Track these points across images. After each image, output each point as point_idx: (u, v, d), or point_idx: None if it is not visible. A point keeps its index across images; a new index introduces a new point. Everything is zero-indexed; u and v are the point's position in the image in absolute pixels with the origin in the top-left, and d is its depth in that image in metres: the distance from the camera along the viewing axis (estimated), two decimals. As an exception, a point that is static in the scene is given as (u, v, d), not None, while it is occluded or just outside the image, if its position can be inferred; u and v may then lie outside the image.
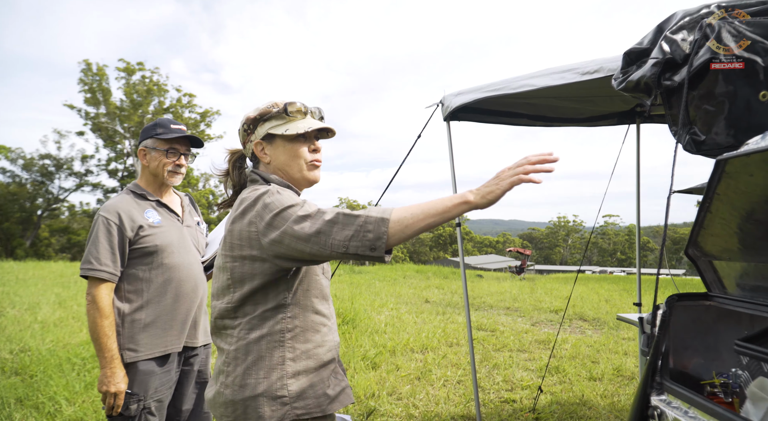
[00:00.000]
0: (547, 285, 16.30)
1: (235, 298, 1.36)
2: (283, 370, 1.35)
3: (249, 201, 1.34)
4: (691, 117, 1.67)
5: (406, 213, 1.22)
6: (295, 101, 1.50)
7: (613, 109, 3.74)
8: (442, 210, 1.23)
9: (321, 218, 1.23)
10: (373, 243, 1.19)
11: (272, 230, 1.26)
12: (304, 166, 1.50)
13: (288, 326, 1.37)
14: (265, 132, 1.49)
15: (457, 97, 3.17)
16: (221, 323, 1.42)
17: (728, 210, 1.45)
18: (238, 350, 1.36)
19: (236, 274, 1.35)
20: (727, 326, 1.77)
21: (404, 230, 1.20)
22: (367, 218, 1.21)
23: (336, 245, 1.20)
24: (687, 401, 1.22)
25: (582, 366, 5.85)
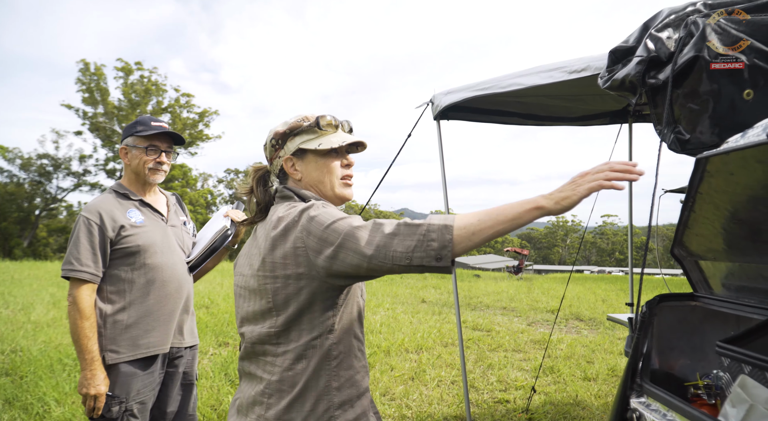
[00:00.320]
0: (544, 285, 16.29)
1: (279, 322, 1.26)
2: (329, 401, 1.26)
3: (291, 217, 1.25)
4: (675, 116, 1.65)
5: (473, 219, 1.14)
6: (326, 114, 1.43)
7: (605, 108, 3.72)
8: (512, 216, 1.14)
9: (379, 230, 1.15)
10: (439, 252, 1.11)
11: (325, 245, 1.17)
12: (337, 182, 1.42)
13: (333, 352, 1.28)
14: (295, 147, 1.41)
15: (446, 96, 3.15)
16: (261, 349, 1.30)
17: (711, 210, 1.43)
18: (283, 381, 1.26)
19: (279, 296, 1.25)
20: (713, 327, 1.75)
21: (471, 237, 1.12)
22: (429, 225, 1.13)
23: (398, 257, 1.12)
24: (666, 404, 1.20)
25: (577, 366, 5.84)
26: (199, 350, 5.93)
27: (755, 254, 1.45)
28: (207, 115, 38.18)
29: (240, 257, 1.49)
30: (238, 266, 1.46)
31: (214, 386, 4.62)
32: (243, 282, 1.37)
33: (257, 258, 1.31)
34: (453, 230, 1.11)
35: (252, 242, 1.42)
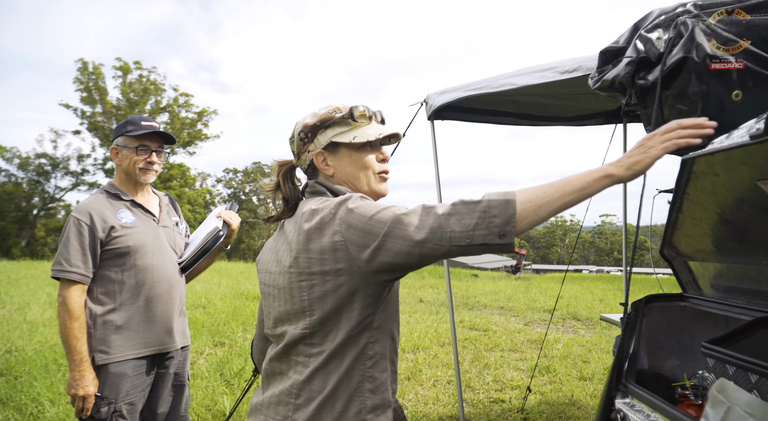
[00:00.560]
0: (542, 284, 16.30)
1: (315, 321, 1.18)
2: (362, 403, 1.18)
3: (327, 210, 1.17)
4: (665, 116, 1.65)
5: (537, 192, 1.06)
6: (359, 105, 1.34)
7: (599, 107, 3.72)
8: (581, 186, 1.06)
9: (431, 212, 1.07)
10: (502, 229, 1.02)
11: (369, 238, 1.10)
12: (373, 178, 1.33)
13: (369, 352, 1.20)
14: (327, 141, 1.31)
15: (440, 96, 3.15)
16: (294, 350, 1.23)
17: (699, 210, 1.43)
18: (314, 380, 1.18)
19: (315, 294, 1.17)
20: (703, 328, 1.75)
21: (537, 211, 1.04)
22: (489, 201, 1.05)
23: (457, 237, 1.03)
24: (649, 404, 1.20)
25: (573, 366, 5.85)
26: (195, 350, 5.94)
27: (742, 254, 1.45)
28: (206, 115, 38.15)
29: (264, 253, 1.42)
30: (263, 263, 1.39)
31: (210, 387, 4.62)
32: (271, 280, 1.29)
33: (288, 254, 1.23)
34: (515, 204, 1.04)
35: (279, 238, 1.34)
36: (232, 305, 8.97)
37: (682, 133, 1.11)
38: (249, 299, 9.95)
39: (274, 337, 1.31)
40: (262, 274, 1.37)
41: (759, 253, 1.37)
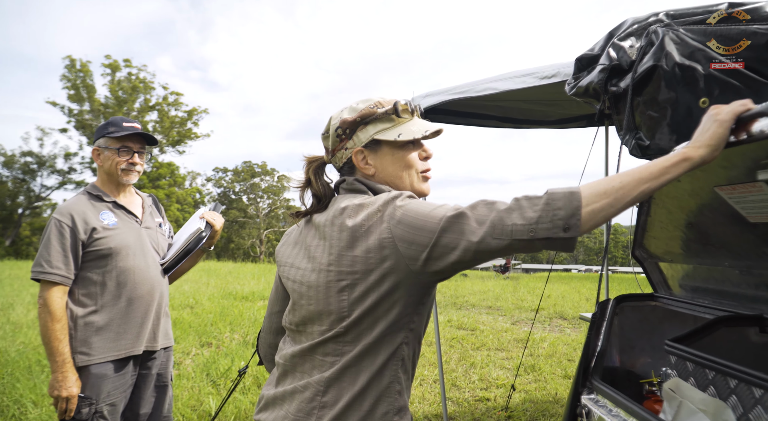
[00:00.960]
0: (530, 284, 16.42)
1: (352, 320, 1.12)
2: (390, 404, 1.13)
3: (374, 207, 1.11)
4: (636, 122, 1.70)
5: (606, 182, 0.99)
6: (400, 99, 1.26)
7: (581, 112, 3.78)
8: (658, 172, 0.99)
9: (492, 207, 1.01)
10: (567, 222, 0.95)
11: (421, 235, 1.04)
12: (416, 177, 1.26)
13: (402, 353, 1.16)
14: (369, 138, 1.23)
15: (425, 98, 3.19)
16: (322, 348, 1.17)
17: (665, 214, 1.48)
18: (344, 377, 1.13)
19: (357, 292, 1.11)
20: (672, 326, 1.81)
21: (608, 201, 0.97)
22: (552, 194, 0.99)
23: (518, 230, 0.97)
24: (612, 400, 1.25)
25: (558, 365, 5.92)
26: (182, 351, 5.93)
27: (706, 256, 1.50)
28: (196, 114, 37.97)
29: (286, 245, 1.36)
30: (286, 257, 1.33)
31: (195, 387, 4.63)
32: (300, 276, 1.23)
33: (325, 251, 1.16)
34: (581, 196, 0.97)
35: (308, 232, 1.27)
36: (220, 305, 8.96)
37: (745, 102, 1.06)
38: (237, 299, 9.94)
39: (296, 333, 1.26)
40: (287, 268, 1.30)
41: (721, 255, 1.43)
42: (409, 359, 1.18)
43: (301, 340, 1.23)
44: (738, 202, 1.22)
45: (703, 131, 1.06)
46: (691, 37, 1.73)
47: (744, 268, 1.37)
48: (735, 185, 1.18)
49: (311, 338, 1.19)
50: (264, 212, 55.06)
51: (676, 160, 1.01)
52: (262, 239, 52.74)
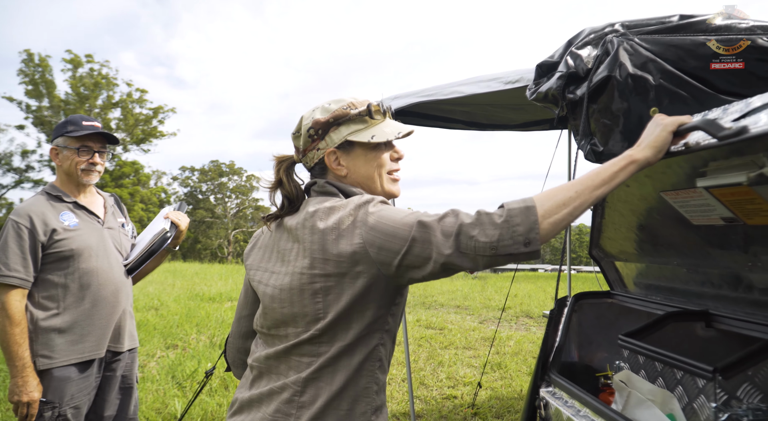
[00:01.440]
0: (498, 283, 16.68)
1: (327, 322, 1.13)
2: (368, 403, 1.15)
3: (346, 211, 1.12)
4: (591, 129, 1.77)
5: (559, 192, 1.02)
6: (369, 101, 1.27)
7: (545, 115, 3.89)
8: (609, 177, 1.04)
9: (457, 220, 1.03)
10: (526, 237, 0.98)
11: (393, 242, 1.05)
12: (386, 178, 1.27)
13: (379, 354, 1.18)
14: (342, 139, 1.23)
15: (394, 100, 3.24)
16: (298, 350, 1.17)
17: (617, 216, 1.56)
18: (321, 377, 1.14)
19: (331, 295, 1.12)
20: (627, 322, 1.90)
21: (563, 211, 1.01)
22: (510, 210, 1.01)
23: (481, 248, 0.99)
24: (568, 392, 1.31)
25: (523, 362, 6.05)
26: (146, 353, 5.83)
27: (656, 255, 1.59)
28: (162, 112, 37.15)
29: (256, 249, 1.36)
30: (257, 260, 1.33)
31: (161, 390, 4.56)
32: (273, 280, 1.23)
33: (299, 254, 1.16)
34: (536, 210, 1.00)
35: (279, 235, 1.27)
36: (186, 306, 8.82)
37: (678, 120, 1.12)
38: (204, 300, 9.80)
39: (269, 337, 1.26)
40: (258, 272, 1.30)
41: (669, 254, 1.51)
42: (386, 358, 1.20)
43: (275, 343, 1.23)
44: (682, 206, 1.30)
45: (647, 135, 1.12)
46: (645, 46, 1.81)
47: (691, 266, 1.45)
48: (678, 191, 1.26)
49: (286, 341, 1.19)
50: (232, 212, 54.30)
51: (624, 163, 1.06)
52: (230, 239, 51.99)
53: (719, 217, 1.20)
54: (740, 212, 1.12)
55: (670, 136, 1.10)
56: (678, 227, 1.39)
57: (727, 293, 1.34)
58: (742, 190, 1.05)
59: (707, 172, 1.11)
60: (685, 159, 1.13)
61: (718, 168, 1.08)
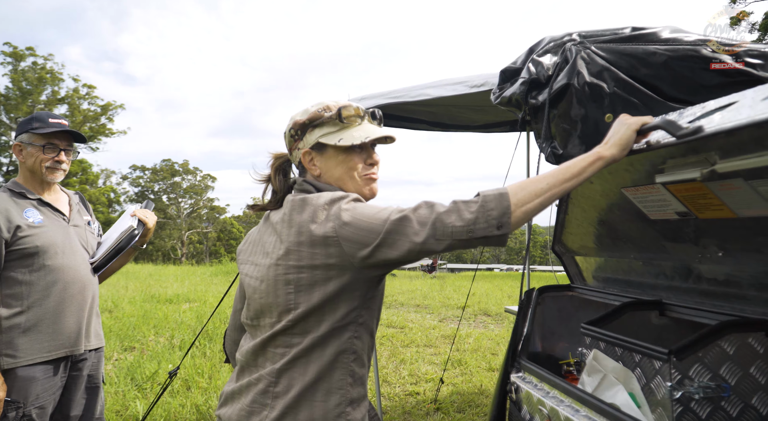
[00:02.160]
0: (456, 283, 16.97)
1: (299, 313, 1.17)
2: (342, 396, 1.18)
3: (319, 205, 1.17)
4: (552, 133, 1.88)
5: (532, 183, 1.11)
6: (350, 104, 1.31)
7: (505, 118, 4.03)
8: (578, 172, 1.14)
9: (433, 209, 1.10)
10: (499, 220, 1.06)
11: (368, 236, 1.10)
12: (359, 180, 1.30)
13: (353, 347, 1.21)
14: (315, 140, 1.29)
15: (360, 101, 3.29)
16: (273, 341, 1.22)
17: (580, 212, 1.67)
18: (294, 368, 1.18)
19: (303, 286, 1.16)
20: (586, 313, 2.02)
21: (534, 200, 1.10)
22: (485, 196, 1.09)
23: (458, 231, 1.06)
24: (538, 376, 1.40)
25: (483, 358, 6.21)
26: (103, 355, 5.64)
27: (615, 249, 1.71)
28: (111, 109, 35.84)
29: (246, 244, 1.41)
30: (246, 254, 1.38)
31: (120, 392, 4.46)
32: (257, 272, 1.28)
33: (277, 246, 1.21)
34: (509, 197, 1.08)
35: (265, 229, 1.33)
36: (142, 308, 8.59)
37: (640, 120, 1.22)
38: (161, 302, 9.56)
39: (252, 328, 1.31)
40: (246, 265, 1.35)
41: (627, 248, 1.64)
42: (363, 351, 1.24)
43: (256, 335, 1.28)
44: (641, 201, 1.42)
45: (613, 133, 1.22)
46: (601, 55, 1.93)
47: (646, 259, 1.58)
48: (638, 187, 1.37)
49: (264, 332, 1.24)
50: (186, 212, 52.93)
51: (592, 159, 1.16)
52: (184, 240, 50.67)
53: (674, 211, 1.32)
54: (693, 206, 1.24)
55: (634, 134, 1.20)
56: (636, 221, 1.51)
57: (679, 284, 1.47)
58: (696, 186, 1.17)
59: (665, 169, 1.23)
60: (645, 157, 1.24)
61: (674, 165, 1.19)
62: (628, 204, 1.47)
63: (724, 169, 1.03)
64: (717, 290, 1.32)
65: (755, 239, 1.16)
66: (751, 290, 1.21)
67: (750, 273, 1.21)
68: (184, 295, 10.39)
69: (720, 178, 1.09)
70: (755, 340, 1.17)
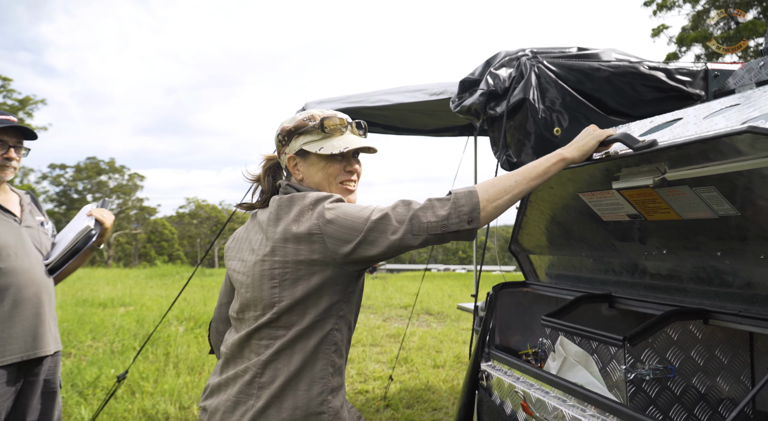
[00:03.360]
0: (397, 283, 17.20)
1: (282, 307, 1.24)
2: (324, 385, 1.26)
3: (305, 204, 1.24)
4: (507, 142, 2.04)
5: (499, 181, 1.22)
6: (334, 115, 1.38)
7: (456, 122, 4.22)
8: (542, 172, 1.25)
9: (409, 208, 1.19)
10: (470, 215, 1.17)
11: (351, 233, 1.18)
12: (337, 187, 1.39)
13: (334, 338, 1.28)
14: (298, 147, 1.37)
15: (318, 105, 3.35)
16: (257, 334, 1.28)
17: (538, 214, 1.82)
18: (278, 359, 1.24)
19: (287, 281, 1.23)
20: (540, 307, 2.19)
21: (502, 196, 1.20)
22: (456, 193, 1.20)
23: (433, 226, 1.16)
24: (507, 364, 1.54)
25: (427, 356, 6.40)
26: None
27: (568, 248, 1.88)
28: (29, 103, 33.55)
29: (234, 241, 1.47)
30: (234, 251, 1.43)
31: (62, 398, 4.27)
32: (243, 268, 1.34)
33: (263, 244, 1.28)
34: (477, 194, 1.19)
35: (251, 227, 1.40)
36: (75, 313, 8.18)
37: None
38: (94, 306, 9.13)
39: (237, 321, 1.37)
40: (234, 261, 1.41)
41: (579, 247, 1.81)
42: (342, 342, 1.32)
43: (241, 328, 1.35)
44: (595, 205, 1.58)
45: (579, 140, 1.37)
46: (552, 69, 2.11)
47: (597, 257, 1.75)
48: (594, 192, 1.53)
49: (248, 325, 1.31)
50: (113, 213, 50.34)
51: (555, 160, 1.30)
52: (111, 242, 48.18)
53: (626, 214, 1.49)
54: (643, 209, 1.41)
55: (597, 144, 1.36)
56: (589, 223, 1.68)
57: (626, 279, 1.66)
58: (647, 191, 1.34)
59: (620, 176, 1.39)
60: (603, 165, 1.39)
61: (629, 173, 1.35)
62: (583, 207, 1.63)
63: (673, 178, 1.20)
64: (660, 284, 1.50)
65: (695, 238, 1.34)
66: (690, 283, 1.40)
67: (689, 268, 1.39)
68: (119, 299, 9.97)
69: (668, 185, 1.26)
70: (695, 327, 1.35)
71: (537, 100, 2.01)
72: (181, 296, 11.19)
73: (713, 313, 1.32)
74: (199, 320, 7.65)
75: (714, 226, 1.30)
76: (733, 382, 1.42)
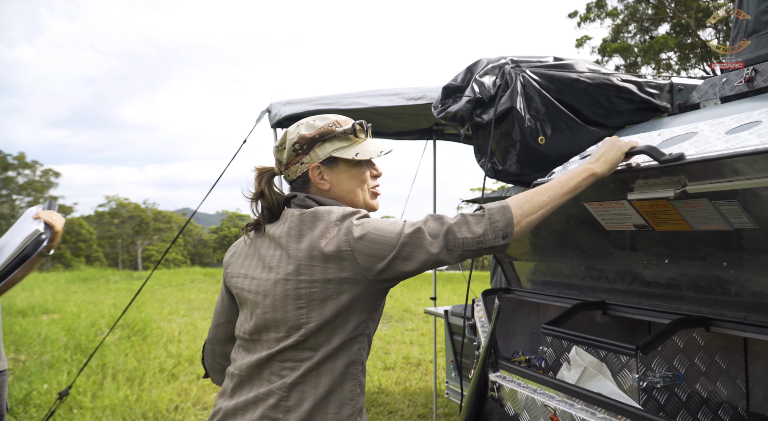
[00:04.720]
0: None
1: (311, 328, 1.18)
2: (354, 406, 1.22)
3: (332, 219, 1.19)
4: (492, 149, 2.06)
5: (531, 196, 1.23)
6: (353, 119, 1.37)
7: (417, 126, 4.24)
8: (574, 186, 1.28)
9: (441, 223, 1.18)
10: (504, 231, 1.18)
11: (384, 250, 1.15)
12: (368, 193, 1.37)
13: (361, 357, 1.26)
14: (326, 155, 1.30)
15: (285, 106, 3.26)
16: (281, 356, 1.21)
17: (532, 222, 1.84)
18: (306, 382, 1.19)
19: (315, 301, 1.18)
20: (521, 314, 2.22)
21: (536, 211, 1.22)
22: (489, 210, 1.20)
23: (469, 243, 1.16)
24: (519, 374, 1.55)
25: (377, 358, 6.39)
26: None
27: (560, 256, 1.92)
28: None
29: (235, 256, 1.39)
30: (239, 268, 1.35)
31: None
32: (255, 286, 1.27)
33: (283, 261, 1.22)
34: (511, 209, 1.20)
35: (261, 242, 1.32)
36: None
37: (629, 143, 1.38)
38: (13, 314, 8.40)
39: (250, 342, 1.29)
40: (239, 278, 1.34)
41: (573, 254, 1.85)
42: (365, 360, 1.28)
43: (257, 349, 1.27)
44: (600, 214, 1.62)
45: (604, 152, 1.36)
46: (536, 79, 2.15)
47: (590, 265, 1.80)
48: (602, 202, 1.57)
49: (268, 347, 1.23)
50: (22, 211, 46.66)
51: (586, 175, 1.30)
52: (22, 242, 44.58)
53: (632, 224, 1.53)
54: (653, 220, 1.46)
55: (622, 156, 1.37)
56: (589, 231, 1.72)
57: (619, 286, 1.71)
58: (661, 203, 1.38)
59: (635, 187, 1.42)
60: (618, 176, 1.42)
61: (646, 185, 1.39)
62: (585, 216, 1.67)
63: (694, 191, 1.24)
64: (656, 292, 1.56)
65: (704, 249, 1.40)
66: (690, 292, 1.46)
67: (690, 277, 1.45)
68: (40, 306, 9.23)
69: (687, 198, 1.30)
70: (698, 334, 1.42)
71: (523, 108, 2.04)
72: (110, 302, 10.54)
73: (717, 321, 1.37)
74: (134, 328, 7.23)
75: (725, 237, 1.34)
76: (730, 386, 1.50)
